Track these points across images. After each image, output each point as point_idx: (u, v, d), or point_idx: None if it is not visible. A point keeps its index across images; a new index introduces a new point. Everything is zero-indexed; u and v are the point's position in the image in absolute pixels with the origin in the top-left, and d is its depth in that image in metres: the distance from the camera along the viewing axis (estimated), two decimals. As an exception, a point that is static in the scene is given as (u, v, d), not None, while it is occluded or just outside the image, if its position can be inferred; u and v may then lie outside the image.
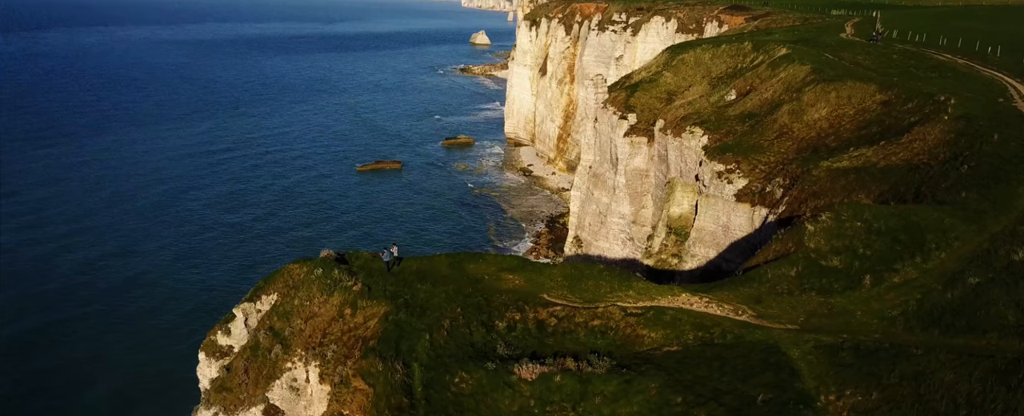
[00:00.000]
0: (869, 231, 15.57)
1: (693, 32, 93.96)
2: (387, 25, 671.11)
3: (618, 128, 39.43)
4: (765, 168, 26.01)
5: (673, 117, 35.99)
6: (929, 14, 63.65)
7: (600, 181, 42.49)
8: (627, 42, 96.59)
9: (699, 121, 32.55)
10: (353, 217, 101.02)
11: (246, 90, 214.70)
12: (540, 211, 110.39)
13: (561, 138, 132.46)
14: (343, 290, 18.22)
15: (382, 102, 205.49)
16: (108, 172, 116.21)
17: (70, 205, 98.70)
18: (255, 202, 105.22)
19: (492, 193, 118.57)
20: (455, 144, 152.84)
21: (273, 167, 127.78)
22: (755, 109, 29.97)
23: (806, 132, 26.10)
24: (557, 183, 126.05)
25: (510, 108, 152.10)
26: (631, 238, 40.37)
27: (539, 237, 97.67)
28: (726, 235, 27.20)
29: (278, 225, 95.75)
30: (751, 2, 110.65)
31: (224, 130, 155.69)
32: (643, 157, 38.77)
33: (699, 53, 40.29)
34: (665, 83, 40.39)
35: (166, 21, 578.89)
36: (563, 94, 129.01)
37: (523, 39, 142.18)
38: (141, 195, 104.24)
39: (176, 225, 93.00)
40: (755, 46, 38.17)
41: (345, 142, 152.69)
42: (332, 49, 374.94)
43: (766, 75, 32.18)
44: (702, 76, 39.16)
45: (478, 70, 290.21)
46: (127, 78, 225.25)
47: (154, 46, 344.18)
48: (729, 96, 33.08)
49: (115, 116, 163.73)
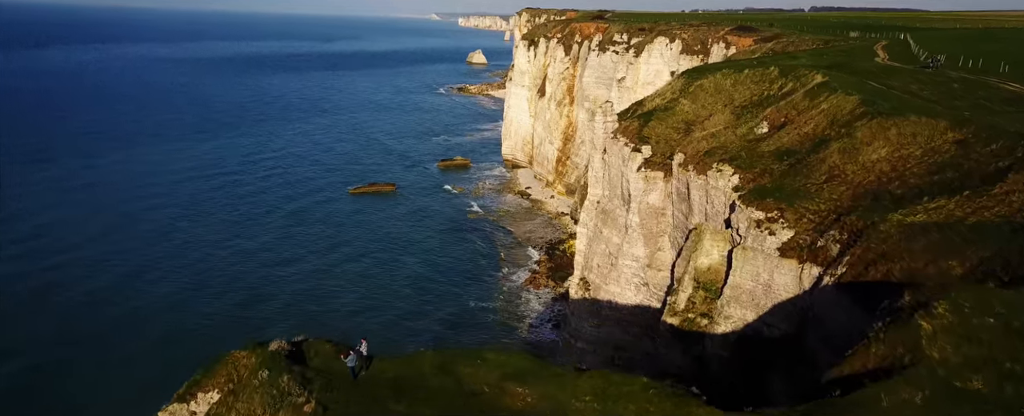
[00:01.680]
0: (1008, 331, 11.61)
1: (697, 54, 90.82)
2: (384, 44, 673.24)
3: (630, 161, 35.41)
4: (815, 218, 22.05)
5: (694, 151, 32.00)
6: (952, 37, 60.29)
7: (610, 218, 38.34)
8: (629, 63, 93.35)
9: (727, 157, 28.59)
10: (341, 244, 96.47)
11: (240, 110, 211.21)
12: (539, 236, 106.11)
13: (560, 161, 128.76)
14: (292, 409, 13.93)
15: (377, 122, 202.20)
16: (98, 197, 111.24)
17: (64, 230, 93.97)
18: (241, 227, 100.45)
19: (489, 217, 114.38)
20: (451, 166, 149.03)
21: (263, 190, 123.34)
22: (794, 145, 26.11)
23: (863, 176, 22.22)
24: (556, 207, 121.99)
25: (507, 129, 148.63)
26: (646, 283, 36.14)
27: (539, 265, 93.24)
28: (767, 295, 23.05)
29: (266, 255, 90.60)
30: (756, 23, 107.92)
31: (217, 151, 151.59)
32: (659, 194, 34.69)
33: (719, 79, 36.54)
34: (682, 111, 36.53)
35: (163, 39, 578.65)
36: (562, 116, 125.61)
37: (521, 60, 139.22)
38: (132, 223, 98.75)
39: (164, 255, 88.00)
40: (783, 71, 34.45)
41: (338, 163, 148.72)
42: (328, 68, 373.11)
43: (804, 106, 28.39)
44: (723, 104, 35.34)
45: (475, 89, 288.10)
46: (122, 97, 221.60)
47: (151, 64, 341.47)
48: (760, 129, 29.25)
49: (109, 137, 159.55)
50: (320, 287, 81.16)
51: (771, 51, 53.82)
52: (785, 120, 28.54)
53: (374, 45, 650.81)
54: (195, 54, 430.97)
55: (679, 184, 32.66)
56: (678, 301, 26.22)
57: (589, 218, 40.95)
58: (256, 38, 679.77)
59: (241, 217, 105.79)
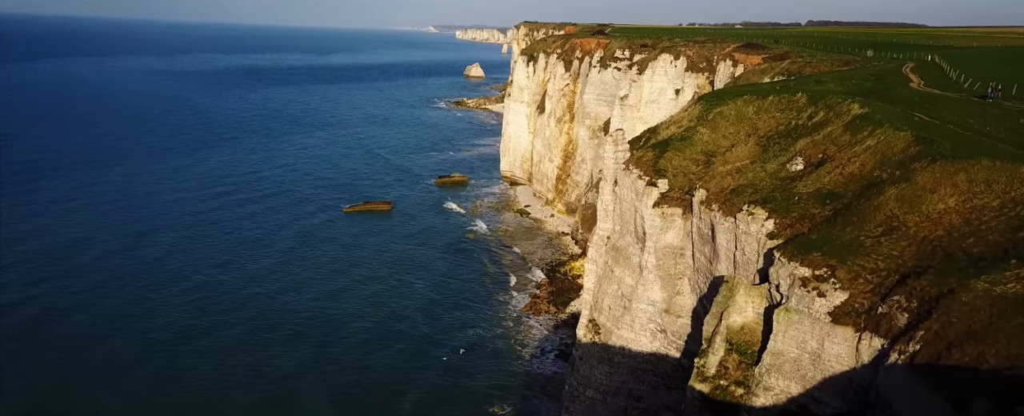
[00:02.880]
0: None
1: (703, 71, 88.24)
2: (381, 57, 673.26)
3: (645, 196, 32.27)
4: (873, 278, 18.95)
5: (718, 187, 28.89)
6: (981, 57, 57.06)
7: (622, 256, 35.13)
8: (632, 81, 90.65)
9: (758, 198, 25.47)
10: (333, 267, 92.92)
11: (235, 124, 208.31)
12: (539, 257, 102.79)
13: (560, 179, 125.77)
14: None
15: (374, 136, 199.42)
16: (93, 218, 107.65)
17: (61, 255, 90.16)
18: (240, 250, 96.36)
19: (487, 237, 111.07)
20: (448, 183, 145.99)
21: (257, 208, 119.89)
22: (837, 187, 23.04)
23: (929, 229, 19.16)
24: (556, 226, 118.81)
25: (506, 146, 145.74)
26: (663, 330, 32.87)
27: (539, 289, 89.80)
28: (816, 366, 19.85)
29: (267, 280, 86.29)
30: (761, 39, 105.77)
31: (211, 168, 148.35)
32: (677, 232, 31.52)
33: (741, 106, 33.54)
34: (701, 141, 33.47)
35: (160, 52, 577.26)
36: (562, 133, 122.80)
37: (520, 75, 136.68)
38: (131, 246, 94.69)
39: (163, 280, 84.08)
40: (811, 98, 31.47)
41: (333, 179, 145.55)
42: (325, 81, 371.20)
43: (844, 140, 25.39)
44: (747, 134, 32.33)
45: (472, 103, 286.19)
46: (115, 111, 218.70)
47: (146, 77, 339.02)
48: (795, 166, 26.20)
49: (103, 153, 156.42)
50: (323, 315, 77.47)
51: (786, 71, 51.00)
52: (824, 156, 25.49)
53: (372, 58, 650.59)
54: (192, 67, 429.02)
55: (701, 224, 29.50)
56: (708, 365, 22.96)
57: (598, 254, 37.71)
58: (253, 51, 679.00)
59: (240, 239, 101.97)
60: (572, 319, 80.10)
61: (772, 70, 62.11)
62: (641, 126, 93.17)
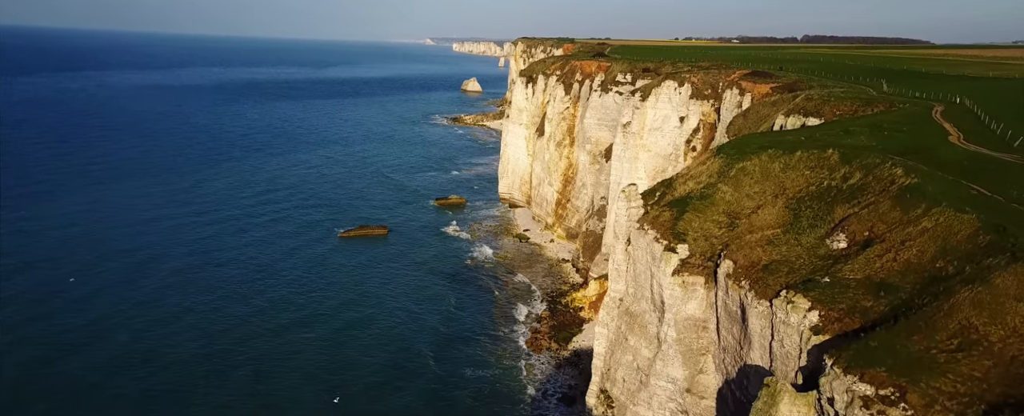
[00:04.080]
0: None
1: (708, 99, 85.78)
2: (378, 70, 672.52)
3: (663, 262, 29.31)
4: (953, 405, 16.02)
5: (748, 260, 25.98)
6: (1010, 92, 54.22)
7: (637, 324, 32.09)
8: (636, 107, 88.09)
9: (797, 280, 22.57)
10: (325, 298, 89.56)
11: (232, 142, 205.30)
12: (540, 287, 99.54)
13: (560, 203, 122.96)
14: None
15: (370, 155, 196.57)
16: (82, 244, 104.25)
17: (51, 297, 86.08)
18: (238, 286, 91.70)
19: (486, 264, 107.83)
20: (447, 205, 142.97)
21: (249, 232, 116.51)
22: (892, 277, 20.22)
23: (1018, 346, 16.35)
24: (556, 252, 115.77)
25: (504, 168, 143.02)
26: (685, 411, 29.76)
27: (540, 322, 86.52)
28: (883, 503, 16.76)
29: (270, 318, 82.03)
30: (764, 63, 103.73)
31: (208, 188, 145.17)
32: (700, 303, 28.55)
33: (765, 161, 30.75)
34: (723, 200, 30.61)
35: (158, 66, 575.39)
36: (562, 157, 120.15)
37: (519, 97, 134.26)
38: (126, 284, 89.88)
39: (161, 319, 80.00)
40: (844, 156, 28.72)
41: (328, 201, 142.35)
42: (321, 96, 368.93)
43: (893, 217, 22.58)
44: (774, 194, 29.51)
45: (470, 120, 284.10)
46: (112, 129, 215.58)
47: (143, 93, 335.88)
48: (836, 242, 23.39)
49: (94, 173, 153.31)
50: (329, 354, 73.67)
51: (802, 109, 48.22)
52: (871, 234, 22.68)
53: (369, 71, 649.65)
54: (189, 81, 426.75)
55: (727, 299, 26.52)
56: (747, 483, 19.95)
57: (610, 317, 34.66)
58: (250, 64, 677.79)
59: (238, 270, 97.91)
60: (575, 357, 76.91)
61: (784, 104, 59.51)
62: (644, 154, 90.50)
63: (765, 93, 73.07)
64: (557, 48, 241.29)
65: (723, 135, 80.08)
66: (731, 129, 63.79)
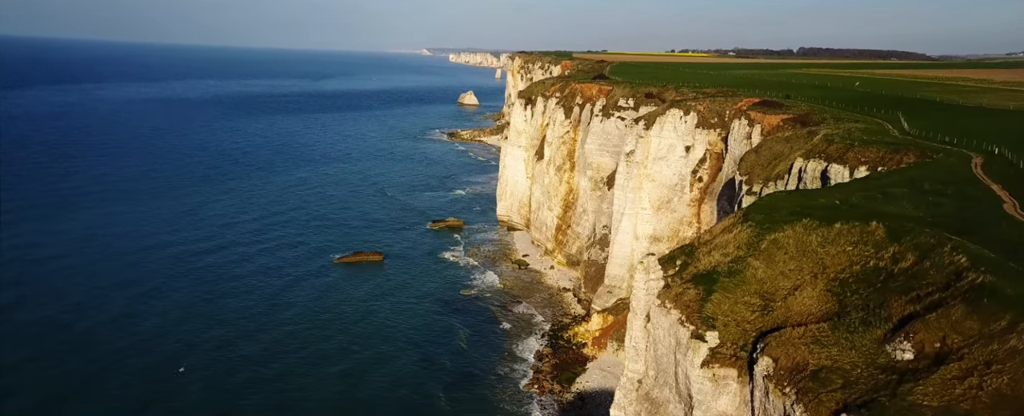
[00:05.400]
0: None
1: (715, 127, 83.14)
2: (375, 83, 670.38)
3: (691, 352, 26.18)
4: None
5: (790, 360, 22.88)
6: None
7: (660, 413, 28.78)
8: (639, 136, 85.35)
9: (857, 399, 19.45)
10: (317, 330, 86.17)
11: (223, 159, 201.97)
12: (540, 320, 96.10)
13: (560, 228, 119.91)
14: None
15: (367, 173, 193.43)
16: (75, 275, 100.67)
17: (44, 328, 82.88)
18: (237, 324, 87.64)
19: (486, 294, 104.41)
20: (443, 227, 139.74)
21: (241, 258, 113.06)
22: (981, 410, 17.16)
23: None
24: (557, 280, 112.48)
25: (503, 189, 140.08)
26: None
27: (541, 360, 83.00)
28: None
29: (265, 362, 78.38)
30: (772, 92, 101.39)
31: (203, 212, 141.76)
32: (732, 398, 25.42)
33: (801, 233, 27.80)
34: (755, 278, 27.56)
35: (153, 78, 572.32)
36: (562, 182, 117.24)
37: (517, 119, 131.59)
38: (122, 323, 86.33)
39: (157, 360, 76.32)
40: (891, 233, 25.79)
41: (323, 223, 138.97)
42: (318, 110, 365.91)
43: (970, 328, 19.54)
44: (813, 273, 26.52)
45: (467, 135, 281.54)
46: (105, 147, 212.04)
47: (139, 107, 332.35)
48: (901, 352, 20.33)
49: (85, 194, 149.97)
50: (336, 401, 69.93)
51: (824, 154, 45.28)
52: (943, 347, 19.63)
53: (366, 83, 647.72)
54: (184, 94, 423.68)
55: (769, 405, 23.36)
56: None
57: (627, 400, 31.45)
58: (249, 76, 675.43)
59: (237, 304, 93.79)
60: (578, 400, 73.53)
61: (800, 141, 56.69)
62: (648, 184, 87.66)
63: (776, 125, 70.42)
64: (555, 65, 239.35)
65: (732, 168, 77.35)
66: (743, 166, 60.96)
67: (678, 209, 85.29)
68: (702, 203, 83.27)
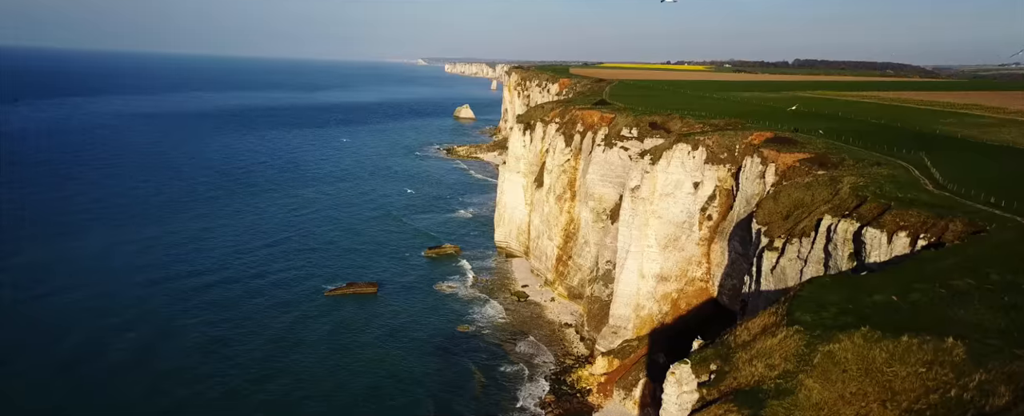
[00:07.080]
0: None
1: (725, 163, 79.38)
2: (370, 94, 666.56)
3: (736, 494, 21.89)
4: None
5: None
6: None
7: None
8: (645, 171, 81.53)
9: None
10: (305, 371, 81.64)
11: (212, 179, 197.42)
12: (542, 360, 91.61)
13: (561, 259, 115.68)
14: None
15: (360, 195, 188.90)
16: (51, 307, 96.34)
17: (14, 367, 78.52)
18: (212, 357, 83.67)
19: (483, 331, 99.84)
20: (440, 255, 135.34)
21: (227, 290, 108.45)
22: None
23: None
24: (558, 314, 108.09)
25: (501, 216, 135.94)
26: None
27: (545, 409, 78.51)
28: None
29: (216, 391, 74.99)
30: (780, 124, 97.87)
31: (188, 236, 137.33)
32: None
33: (862, 346, 23.90)
34: (809, 401, 23.53)
35: (146, 89, 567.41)
36: (563, 211, 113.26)
37: (516, 144, 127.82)
38: (120, 353, 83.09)
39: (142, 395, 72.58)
40: (974, 355, 21.97)
41: (315, 251, 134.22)
42: (310, 124, 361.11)
43: None
44: (878, 397, 22.59)
45: (463, 151, 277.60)
46: (92, 166, 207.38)
47: (128, 123, 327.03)
48: None
49: (69, 217, 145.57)
50: None
51: (858, 216, 41.37)
52: None
53: (360, 95, 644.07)
54: (176, 108, 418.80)
55: None
56: None
57: None
58: (240, 88, 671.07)
59: (222, 338, 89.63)
60: (585, 456, 69.18)
61: (822, 190, 52.88)
62: (655, 221, 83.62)
63: (791, 165, 66.72)
64: (553, 83, 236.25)
65: (744, 207, 73.55)
66: (761, 214, 57.05)
67: (686, 248, 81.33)
68: (713, 242, 79.36)
